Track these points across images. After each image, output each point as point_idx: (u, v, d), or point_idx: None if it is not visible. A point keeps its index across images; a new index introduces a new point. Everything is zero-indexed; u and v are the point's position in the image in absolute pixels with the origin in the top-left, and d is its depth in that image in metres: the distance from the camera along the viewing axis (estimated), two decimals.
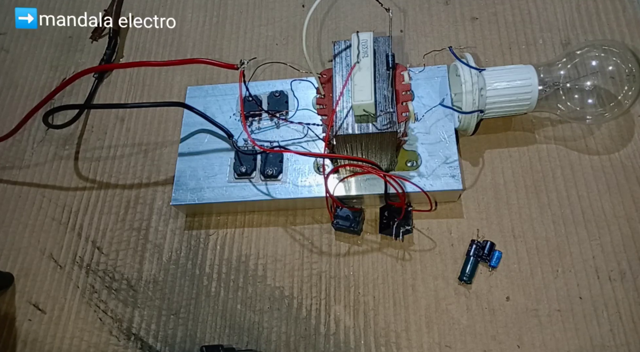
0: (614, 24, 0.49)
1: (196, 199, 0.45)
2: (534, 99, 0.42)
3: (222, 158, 0.46)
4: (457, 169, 0.42)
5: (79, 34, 0.60)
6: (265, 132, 0.47)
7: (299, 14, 0.57)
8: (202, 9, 0.59)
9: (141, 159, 0.51)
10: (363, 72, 0.37)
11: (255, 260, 0.45)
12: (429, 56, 0.50)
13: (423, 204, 0.43)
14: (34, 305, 0.46)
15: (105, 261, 0.47)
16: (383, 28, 0.54)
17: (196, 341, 0.42)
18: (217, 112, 0.48)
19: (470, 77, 0.41)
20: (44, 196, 0.51)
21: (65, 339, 0.44)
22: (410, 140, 0.44)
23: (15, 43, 0.61)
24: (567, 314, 0.39)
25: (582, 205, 0.42)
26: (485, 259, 0.41)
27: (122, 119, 0.54)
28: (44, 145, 0.54)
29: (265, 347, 0.41)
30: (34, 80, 0.58)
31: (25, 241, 0.49)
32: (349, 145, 0.39)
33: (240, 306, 0.43)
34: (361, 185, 0.43)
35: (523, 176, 0.44)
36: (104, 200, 0.50)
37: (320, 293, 0.43)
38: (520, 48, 0.50)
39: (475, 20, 0.52)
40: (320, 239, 0.45)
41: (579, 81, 0.42)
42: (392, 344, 0.40)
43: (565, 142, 0.45)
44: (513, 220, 0.43)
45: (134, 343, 0.43)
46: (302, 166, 0.45)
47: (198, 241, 0.46)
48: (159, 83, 0.55)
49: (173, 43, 0.57)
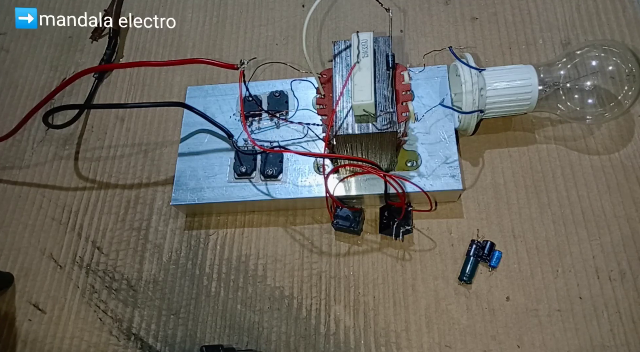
0: (614, 24, 0.49)
1: (196, 199, 0.45)
2: (534, 99, 0.42)
3: (222, 158, 0.46)
4: (457, 169, 0.42)
5: (79, 34, 0.60)
6: (265, 132, 0.47)
7: (299, 14, 0.57)
8: (202, 9, 0.59)
9: (141, 159, 0.51)
10: (363, 72, 0.37)
11: (255, 260, 0.45)
12: (429, 56, 0.51)
13: (423, 204, 0.43)
14: (34, 305, 0.46)
15: (105, 261, 0.47)
16: (383, 28, 0.54)
17: (196, 341, 0.42)
18: (217, 112, 0.48)
19: (470, 77, 0.41)
20: (44, 196, 0.51)
21: (65, 339, 0.44)
22: (410, 140, 0.44)
23: (15, 43, 0.61)
24: (567, 314, 0.39)
25: (582, 205, 0.42)
26: (485, 259, 0.41)
27: (122, 119, 0.54)
28: (44, 146, 0.54)
29: (265, 347, 0.41)
30: (34, 80, 0.58)
31: (25, 241, 0.49)
32: (349, 145, 0.39)
33: (240, 306, 0.43)
34: (361, 185, 0.43)
35: (523, 176, 0.44)
36: (104, 200, 0.50)
37: (320, 293, 0.43)
38: (520, 48, 0.50)
39: (475, 20, 0.52)
40: (320, 239, 0.45)
41: (579, 81, 0.42)
42: (392, 344, 0.40)
43: (565, 142, 0.45)
44: (513, 220, 0.43)
45: (134, 343, 0.43)
46: (302, 166, 0.45)
47: (198, 241, 0.46)
48: (159, 83, 0.55)
49: (173, 43, 0.57)
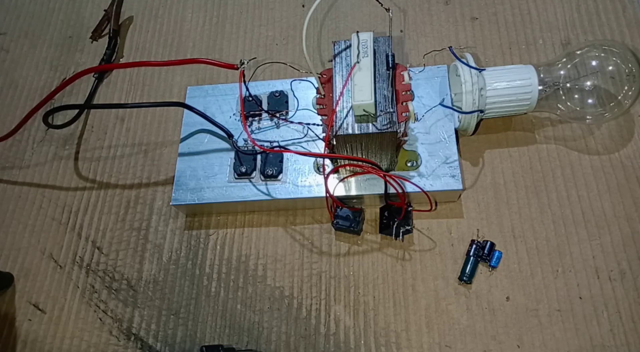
0: (614, 24, 0.49)
1: (196, 199, 0.45)
2: (534, 99, 0.42)
3: (222, 158, 0.46)
4: (457, 169, 0.42)
5: (79, 34, 0.60)
6: (265, 132, 0.47)
7: (299, 14, 0.57)
8: (202, 9, 0.59)
9: (141, 159, 0.51)
10: (363, 72, 0.37)
11: (255, 260, 0.45)
12: (429, 56, 0.51)
13: (423, 204, 0.43)
14: (34, 305, 0.46)
15: (105, 261, 0.47)
16: (383, 28, 0.54)
17: (196, 341, 0.42)
18: (217, 112, 0.48)
19: (470, 77, 0.41)
20: (44, 196, 0.51)
21: (65, 339, 0.44)
22: (410, 140, 0.44)
23: (15, 43, 0.61)
24: (567, 314, 0.39)
25: (582, 205, 0.42)
26: (485, 259, 0.41)
27: (122, 119, 0.54)
28: (44, 146, 0.54)
29: (265, 347, 0.41)
30: (34, 80, 0.58)
31: (25, 241, 0.49)
32: (349, 145, 0.39)
33: (240, 306, 0.43)
34: (361, 185, 0.43)
35: (523, 176, 0.44)
36: (104, 200, 0.50)
37: (320, 293, 0.43)
38: (520, 48, 0.50)
39: (475, 20, 0.52)
40: (320, 239, 0.45)
41: (579, 81, 0.42)
42: (392, 344, 0.40)
43: (565, 142, 0.45)
44: (513, 220, 0.43)
45: (134, 343, 0.43)
46: (302, 166, 0.45)
47: (198, 241, 0.46)
48: (159, 83, 0.55)
49: (173, 43, 0.57)
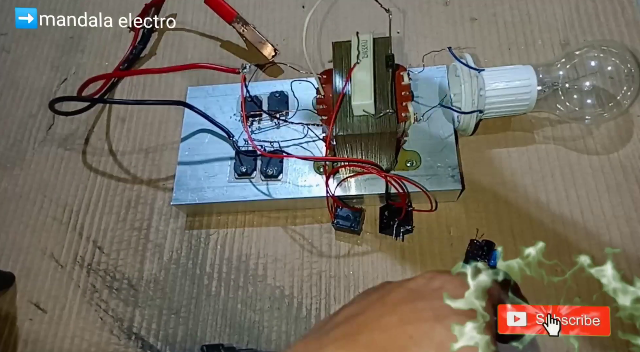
0: (613, 25, 0.50)
1: (197, 199, 0.45)
2: (533, 99, 0.42)
3: (222, 158, 0.47)
4: (456, 169, 0.42)
5: (80, 34, 0.60)
6: (266, 133, 0.47)
7: (299, 15, 0.57)
8: (203, 9, 0.59)
9: (142, 159, 0.51)
10: (363, 73, 0.37)
11: (255, 259, 0.45)
12: (429, 57, 0.51)
13: (423, 204, 0.43)
14: (35, 305, 0.46)
15: (106, 261, 0.47)
16: (383, 29, 0.54)
17: (197, 340, 0.43)
18: (217, 113, 0.49)
19: (469, 77, 0.41)
20: (45, 196, 0.51)
21: (66, 339, 0.44)
22: (410, 140, 0.44)
23: (16, 43, 0.61)
24: None
25: (581, 205, 0.43)
26: (484, 258, 0.41)
27: (123, 119, 0.54)
28: (45, 146, 0.54)
29: (266, 346, 0.42)
30: (35, 80, 0.58)
31: (26, 240, 0.49)
32: (349, 146, 0.39)
33: (241, 306, 0.43)
34: (361, 185, 0.43)
35: (522, 176, 0.44)
36: (105, 200, 0.50)
37: (321, 292, 0.43)
38: (519, 48, 0.50)
39: (474, 21, 0.52)
40: (320, 238, 0.45)
41: (578, 81, 0.42)
42: None
43: (564, 143, 0.45)
44: (513, 220, 0.43)
45: (134, 342, 0.43)
46: (302, 166, 0.45)
47: (199, 241, 0.46)
48: (159, 84, 0.55)
49: (174, 43, 0.57)
